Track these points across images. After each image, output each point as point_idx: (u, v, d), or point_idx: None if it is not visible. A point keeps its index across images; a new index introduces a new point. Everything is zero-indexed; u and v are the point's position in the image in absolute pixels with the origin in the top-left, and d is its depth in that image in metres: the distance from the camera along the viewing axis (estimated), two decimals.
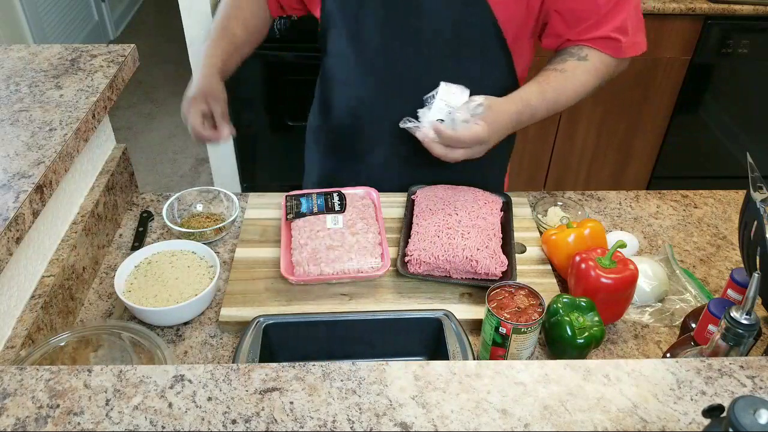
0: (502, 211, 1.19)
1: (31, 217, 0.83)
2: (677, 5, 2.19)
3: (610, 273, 0.96)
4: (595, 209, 1.29)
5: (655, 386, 0.67)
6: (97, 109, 1.04)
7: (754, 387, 0.67)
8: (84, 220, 1.06)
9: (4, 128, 0.96)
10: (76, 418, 0.62)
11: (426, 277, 1.06)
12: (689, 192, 1.35)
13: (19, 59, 1.16)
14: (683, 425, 0.63)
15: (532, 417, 0.63)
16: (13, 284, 0.88)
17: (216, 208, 1.23)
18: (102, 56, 1.17)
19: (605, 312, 0.96)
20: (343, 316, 0.97)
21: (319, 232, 1.09)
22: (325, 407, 0.64)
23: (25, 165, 0.87)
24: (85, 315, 1.02)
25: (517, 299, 0.92)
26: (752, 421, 0.50)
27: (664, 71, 2.37)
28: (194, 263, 1.05)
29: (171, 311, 0.96)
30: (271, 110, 2.35)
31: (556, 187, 2.68)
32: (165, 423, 0.62)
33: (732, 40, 2.29)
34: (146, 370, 0.67)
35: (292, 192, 1.20)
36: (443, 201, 1.15)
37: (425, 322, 0.98)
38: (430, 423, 0.62)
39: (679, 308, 1.05)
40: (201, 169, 3.13)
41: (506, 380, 0.67)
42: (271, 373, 0.67)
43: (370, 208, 1.17)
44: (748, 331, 0.69)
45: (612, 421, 0.63)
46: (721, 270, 1.15)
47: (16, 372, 0.66)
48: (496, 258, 1.05)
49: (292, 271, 1.05)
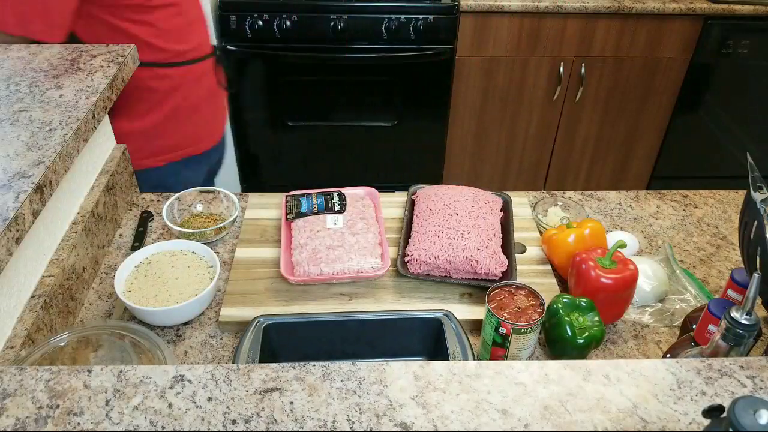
0: (502, 211, 1.19)
1: (31, 217, 0.83)
2: (677, 5, 2.19)
3: (610, 273, 0.95)
4: (595, 209, 1.29)
5: (655, 386, 0.67)
6: (97, 109, 1.04)
7: (755, 387, 0.67)
8: (84, 220, 1.06)
9: (4, 128, 0.95)
10: (76, 419, 0.62)
11: (426, 277, 1.06)
12: (689, 192, 1.35)
13: (18, 59, 1.16)
14: (683, 425, 0.63)
15: (532, 417, 0.63)
16: (13, 284, 0.88)
17: (216, 208, 1.23)
18: (102, 56, 1.17)
19: (605, 312, 0.96)
20: (343, 316, 0.97)
21: (319, 232, 1.09)
22: (325, 407, 0.64)
23: (25, 165, 0.87)
24: (85, 315, 1.02)
25: (517, 299, 0.92)
26: (752, 422, 0.50)
27: (664, 71, 2.37)
28: (194, 263, 1.05)
29: (171, 311, 0.96)
30: (271, 110, 2.35)
31: (556, 187, 2.69)
32: (165, 423, 0.61)
33: (732, 40, 2.29)
34: (146, 371, 0.67)
35: (292, 192, 1.20)
36: (443, 201, 1.15)
37: (425, 322, 0.98)
38: (430, 423, 0.62)
39: (679, 308, 1.05)
40: None
41: (506, 380, 0.67)
42: (271, 374, 0.67)
43: (370, 208, 1.17)
44: (749, 331, 0.69)
45: (612, 422, 0.63)
46: (721, 270, 1.15)
47: (16, 372, 0.66)
48: (496, 258, 1.05)
49: (292, 271, 1.05)
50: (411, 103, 2.35)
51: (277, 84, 2.27)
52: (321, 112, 2.36)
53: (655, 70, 2.36)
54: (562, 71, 2.32)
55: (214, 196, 1.23)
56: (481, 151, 2.56)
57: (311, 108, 2.35)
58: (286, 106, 2.33)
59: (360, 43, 2.20)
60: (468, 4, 2.16)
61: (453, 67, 2.29)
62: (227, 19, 2.12)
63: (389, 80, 2.29)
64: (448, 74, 2.30)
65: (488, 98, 2.40)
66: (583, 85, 2.35)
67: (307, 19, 2.14)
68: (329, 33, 2.16)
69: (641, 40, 2.28)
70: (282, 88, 2.29)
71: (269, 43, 2.18)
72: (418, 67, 2.26)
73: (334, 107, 2.36)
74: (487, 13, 2.19)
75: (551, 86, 2.37)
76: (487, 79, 2.35)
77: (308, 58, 2.23)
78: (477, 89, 2.37)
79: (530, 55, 2.30)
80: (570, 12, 2.19)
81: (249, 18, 2.12)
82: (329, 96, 2.33)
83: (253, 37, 2.16)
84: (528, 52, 2.30)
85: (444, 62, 2.26)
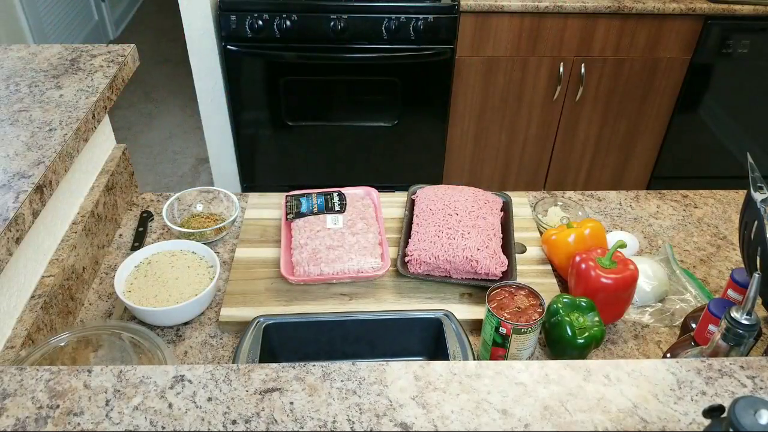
0: (502, 211, 1.19)
1: (31, 217, 0.83)
2: (677, 5, 2.19)
3: (610, 273, 0.95)
4: (595, 209, 1.29)
5: (656, 386, 0.67)
6: (97, 109, 1.04)
7: (755, 387, 0.67)
8: (84, 220, 1.06)
9: (4, 128, 0.95)
10: (76, 419, 0.62)
11: (426, 277, 1.06)
12: (689, 192, 1.35)
13: (19, 59, 1.16)
14: (683, 425, 0.63)
15: (533, 417, 0.63)
16: (13, 284, 0.88)
17: (216, 208, 1.23)
18: (102, 56, 1.17)
19: (605, 312, 0.96)
20: (343, 316, 0.97)
21: (319, 232, 1.09)
22: (325, 407, 0.64)
23: (25, 165, 0.87)
24: (85, 315, 1.02)
25: (517, 299, 0.92)
26: (753, 422, 0.50)
27: (664, 71, 2.37)
28: (194, 263, 1.05)
29: (171, 311, 0.96)
30: (271, 110, 2.35)
31: (556, 187, 2.69)
32: (165, 423, 0.61)
33: (732, 40, 2.29)
34: (146, 371, 0.67)
35: (292, 192, 1.20)
36: (443, 201, 1.15)
37: (425, 322, 0.98)
38: (430, 423, 0.62)
39: (679, 308, 1.05)
40: (201, 169, 3.13)
41: (506, 380, 0.67)
42: (271, 374, 0.67)
43: (370, 208, 1.17)
44: (749, 331, 0.69)
45: (612, 422, 0.63)
46: (721, 270, 1.15)
47: (16, 372, 0.66)
48: (496, 258, 1.05)
49: (292, 271, 1.05)
50: (411, 103, 2.35)
51: (277, 84, 2.27)
52: (321, 112, 2.36)
53: (655, 70, 2.36)
54: (562, 71, 2.32)
55: (214, 196, 1.23)
56: (481, 151, 2.56)
57: (311, 108, 2.35)
58: (286, 106, 2.33)
59: (360, 43, 2.20)
60: (468, 4, 2.15)
61: (453, 67, 2.29)
62: (227, 19, 2.12)
63: (389, 80, 2.29)
64: (448, 74, 2.30)
65: (488, 98, 2.40)
66: (583, 85, 2.35)
67: (307, 19, 2.14)
68: (329, 33, 2.16)
69: (641, 40, 2.28)
70: (282, 88, 2.29)
71: (269, 43, 2.18)
72: (418, 67, 2.26)
73: (334, 107, 2.36)
74: (487, 13, 2.19)
75: (551, 86, 2.37)
76: (487, 79, 2.35)
77: (308, 58, 2.23)
78: (477, 89, 2.37)
79: (530, 55, 2.30)
80: (570, 12, 2.19)
81: (249, 18, 2.12)
82: (329, 96, 2.33)
83: (253, 37, 2.16)
84: (528, 52, 2.30)
85: (444, 62, 2.26)
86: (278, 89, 2.29)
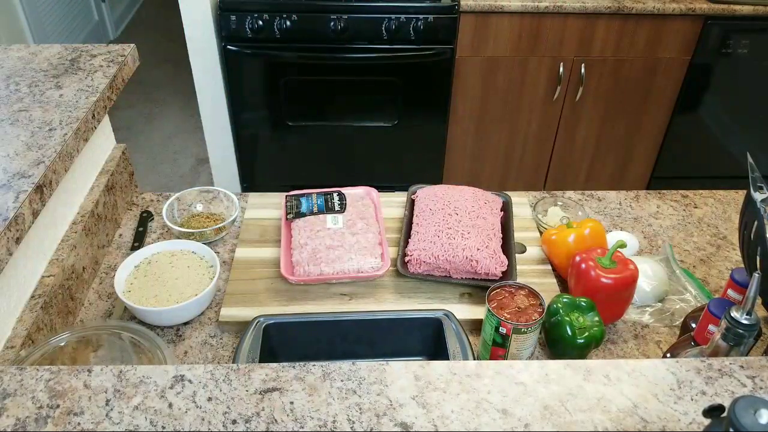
0: (502, 211, 1.19)
1: (31, 217, 0.83)
2: (677, 5, 2.19)
3: (610, 273, 0.95)
4: (595, 209, 1.29)
5: (656, 386, 0.67)
6: (97, 109, 1.04)
7: (755, 387, 0.67)
8: (84, 220, 1.06)
9: (4, 128, 0.95)
10: (76, 419, 0.62)
11: (426, 277, 1.06)
12: (689, 192, 1.35)
13: (19, 59, 1.16)
14: (683, 425, 0.63)
15: (533, 417, 0.63)
16: (13, 284, 0.88)
17: (216, 208, 1.23)
18: (102, 56, 1.17)
19: (605, 312, 0.96)
20: (343, 316, 0.97)
21: (319, 232, 1.09)
22: (325, 407, 0.64)
23: (25, 165, 0.87)
24: (85, 315, 1.02)
25: (517, 299, 0.92)
26: (753, 421, 0.50)
27: (664, 71, 2.37)
28: (194, 263, 1.05)
29: (171, 311, 0.96)
30: (271, 110, 2.35)
31: (556, 187, 2.69)
32: (165, 423, 0.61)
33: (732, 40, 2.29)
34: (146, 370, 0.67)
35: (292, 192, 1.20)
36: (443, 201, 1.15)
37: (425, 322, 0.98)
38: (430, 423, 0.62)
39: (679, 308, 1.05)
40: (201, 169, 3.13)
41: (506, 380, 0.67)
42: (271, 374, 0.67)
43: (370, 208, 1.17)
44: (749, 331, 0.69)
45: (612, 421, 0.63)
46: (721, 270, 1.15)
47: (16, 372, 0.66)
48: (496, 258, 1.05)
49: (292, 271, 1.05)
50: (411, 103, 2.35)
51: (277, 84, 2.27)
52: (321, 112, 2.36)
53: (655, 70, 2.36)
54: (562, 71, 2.32)
55: (214, 196, 1.23)
56: (481, 151, 2.56)
57: (311, 108, 2.35)
58: (286, 106, 2.33)
59: (360, 43, 2.20)
60: (468, 4, 2.15)
61: (453, 67, 2.29)
62: (227, 19, 2.12)
63: (389, 80, 2.29)
64: (448, 74, 2.30)
65: (488, 98, 2.40)
66: (583, 85, 2.35)
67: (307, 19, 2.14)
68: (329, 33, 2.16)
69: (641, 40, 2.28)
70: (282, 88, 2.29)
71: (269, 43, 2.18)
72: (418, 67, 2.26)
73: (334, 107, 2.36)
74: (487, 13, 2.19)
75: (551, 86, 2.37)
76: (487, 79, 2.35)
77: (308, 58, 2.23)
78: (477, 89, 2.37)
79: (530, 55, 2.30)
80: (570, 12, 2.19)
81: (249, 18, 2.12)
82: (329, 96, 2.33)
83: (253, 37, 2.16)
84: (528, 52, 2.30)
85: (444, 62, 2.26)
86: (278, 89, 2.29)
